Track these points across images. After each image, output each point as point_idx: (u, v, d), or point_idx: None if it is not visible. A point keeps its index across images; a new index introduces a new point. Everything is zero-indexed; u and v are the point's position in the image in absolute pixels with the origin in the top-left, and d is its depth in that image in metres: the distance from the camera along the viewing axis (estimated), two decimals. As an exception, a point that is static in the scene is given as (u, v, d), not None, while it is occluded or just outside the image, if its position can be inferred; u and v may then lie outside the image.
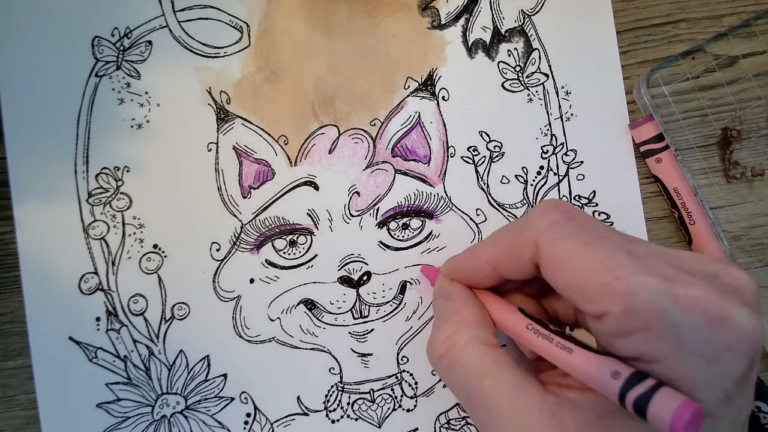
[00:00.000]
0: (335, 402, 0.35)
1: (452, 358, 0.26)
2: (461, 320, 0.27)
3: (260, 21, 0.36)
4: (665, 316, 0.20)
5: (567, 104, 0.37)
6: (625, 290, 0.21)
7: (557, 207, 0.25)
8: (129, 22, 0.35)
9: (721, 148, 0.38)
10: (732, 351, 0.21)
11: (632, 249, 0.22)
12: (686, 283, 0.21)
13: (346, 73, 0.36)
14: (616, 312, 0.21)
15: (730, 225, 0.37)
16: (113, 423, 0.34)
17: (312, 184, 0.35)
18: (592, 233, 0.23)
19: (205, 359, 0.35)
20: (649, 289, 0.21)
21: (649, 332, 0.21)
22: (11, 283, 0.35)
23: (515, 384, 0.24)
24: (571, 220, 0.24)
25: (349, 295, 0.35)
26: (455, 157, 0.36)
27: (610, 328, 0.22)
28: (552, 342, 0.24)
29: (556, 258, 0.23)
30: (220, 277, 0.35)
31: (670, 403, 0.19)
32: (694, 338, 0.20)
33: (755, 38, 0.37)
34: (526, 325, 0.26)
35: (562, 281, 0.23)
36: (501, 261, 0.26)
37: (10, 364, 0.35)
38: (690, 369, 0.20)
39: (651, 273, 0.21)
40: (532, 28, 0.37)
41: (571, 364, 0.23)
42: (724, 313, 0.21)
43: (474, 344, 0.25)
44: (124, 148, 0.35)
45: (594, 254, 0.22)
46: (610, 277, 0.21)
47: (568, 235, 0.23)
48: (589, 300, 0.22)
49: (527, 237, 0.24)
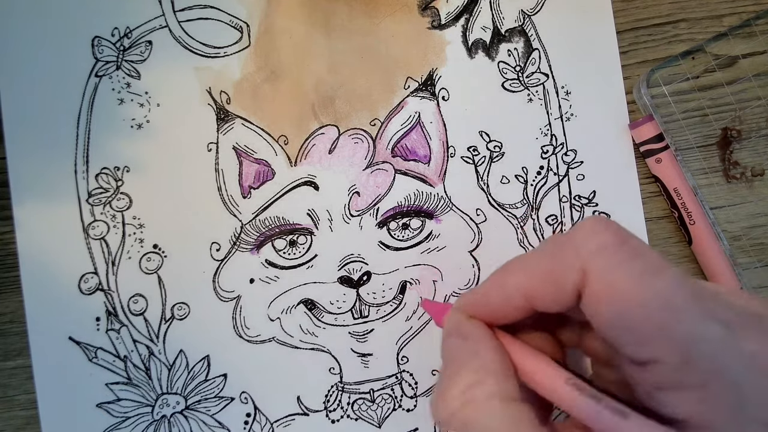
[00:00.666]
0: (335, 402, 0.35)
1: (467, 417, 0.21)
2: (481, 368, 0.22)
3: (260, 21, 0.36)
4: (728, 374, 0.18)
5: (567, 104, 0.37)
6: (685, 337, 0.18)
7: (608, 228, 0.21)
8: (129, 22, 0.35)
9: (721, 148, 0.38)
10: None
11: (696, 288, 0.19)
12: (750, 335, 0.18)
13: (346, 73, 0.36)
14: (669, 361, 0.18)
15: (730, 225, 0.37)
16: (113, 423, 0.34)
17: (312, 184, 0.36)
18: (650, 263, 0.19)
19: (205, 359, 0.35)
20: (713, 339, 0.18)
21: (705, 390, 0.18)
22: (11, 283, 0.35)
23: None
24: (624, 244, 0.20)
25: (349, 295, 0.35)
26: (455, 157, 0.36)
27: (657, 378, 0.19)
28: (600, 404, 0.20)
29: (606, 289, 0.19)
30: (220, 277, 0.35)
31: None
32: (756, 402, 0.18)
33: (755, 38, 0.37)
34: (565, 379, 0.21)
35: (606, 317, 0.20)
36: (537, 290, 0.22)
37: (10, 364, 0.35)
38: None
39: (714, 318, 0.18)
40: (532, 28, 0.37)
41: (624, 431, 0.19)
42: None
43: (497, 402, 0.21)
44: (124, 148, 0.35)
45: (652, 288, 0.19)
46: (670, 319, 0.18)
47: (622, 263, 0.20)
48: (639, 342, 0.19)
49: (572, 262, 0.20)
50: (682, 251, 0.37)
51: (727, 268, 0.36)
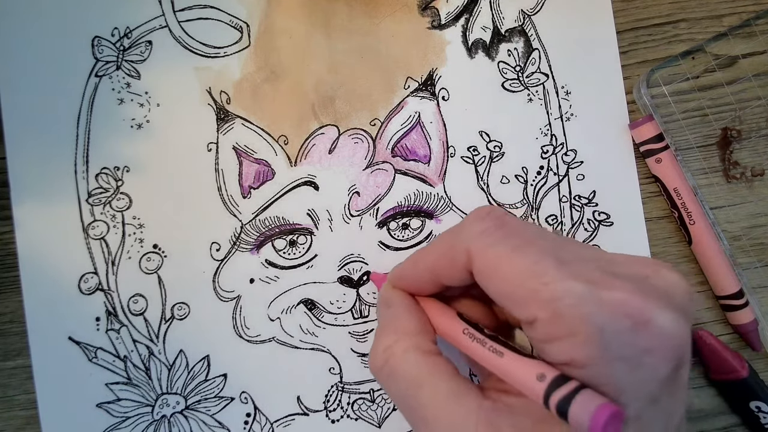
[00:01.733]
0: (335, 402, 0.35)
1: (391, 368, 0.25)
2: (399, 329, 0.26)
3: (260, 21, 0.36)
4: (590, 321, 0.20)
5: (567, 104, 0.37)
6: (550, 296, 0.21)
7: (489, 214, 0.25)
8: (129, 22, 0.35)
9: (721, 148, 0.38)
10: (653, 355, 0.21)
11: (560, 254, 0.22)
12: (611, 287, 0.21)
13: (346, 73, 0.36)
14: (543, 318, 0.21)
15: (730, 225, 0.37)
16: (113, 423, 0.34)
17: (312, 184, 0.35)
18: (521, 239, 0.23)
19: (205, 359, 0.35)
20: (574, 294, 0.21)
21: (575, 337, 0.21)
22: (11, 283, 0.35)
23: (452, 392, 0.23)
24: (501, 227, 0.24)
25: (349, 295, 0.35)
26: (455, 157, 0.36)
27: (539, 334, 0.22)
28: (485, 346, 0.24)
29: (487, 265, 0.23)
30: (220, 277, 0.35)
31: (589, 404, 0.20)
32: (617, 342, 0.20)
33: (755, 38, 0.37)
34: (462, 329, 0.26)
35: (492, 288, 0.23)
36: (438, 269, 0.26)
37: (10, 364, 0.35)
38: (614, 373, 0.20)
39: (576, 278, 0.21)
40: (532, 28, 0.37)
41: (501, 367, 0.23)
42: (646, 317, 0.21)
43: (411, 353, 0.25)
44: (124, 148, 0.35)
45: (521, 261, 0.22)
46: (537, 284, 0.21)
47: (498, 242, 0.23)
48: (519, 306, 0.22)
49: (460, 245, 0.24)
50: (682, 251, 0.37)
51: (727, 268, 0.36)
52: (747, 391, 0.36)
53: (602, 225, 0.37)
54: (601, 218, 0.37)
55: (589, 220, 0.37)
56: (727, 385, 0.36)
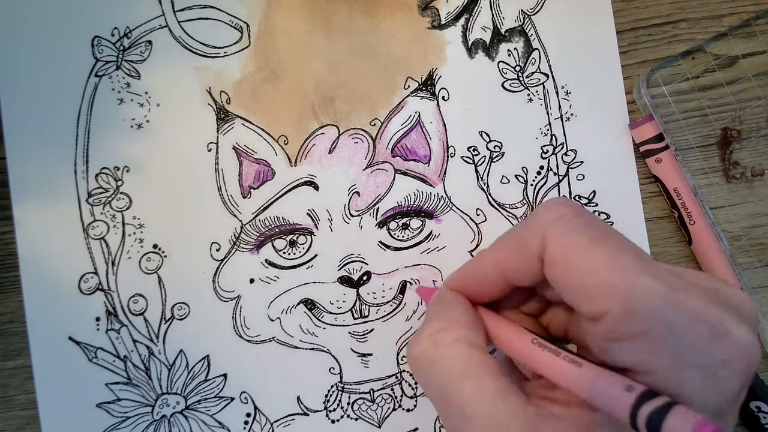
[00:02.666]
0: (335, 402, 0.35)
1: (434, 355, 0.24)
2: (450, 319, 0.25)
3: (260, 21, 0.36)
4: (666, 322, 0.20)
5: (567, 104, 0.37)
6: (627, 290, 0.20)
7: (564, 202, 0.24)
8: (129, 22, 0.35)
9: (721, 148, 0.38)
10: (729, 367, 0.20)
11: (638, 252, 0.22)
12: (689, 292, 0.20)
13: (346, 73, 0.36)
14: (615, 312, 0.20)
15: (730, 225, 0.37)
16: (113, 423, 0.34)
17: (312, 184, 0.36)
18: (600, 230, 0.22)
19: (205, 359, 0.35)
20: (653, 292, 0.20)
21: (647, 338, 0.20)
22: (11, 283, 0.35)
23: (499, 391, 0.22)
24: (578, 216, 0.23)
25: (349, 295, 0.35)
26: (455, 157, 0.36)
27: (607, 330, 0.21)
28: (559, 356, 0.23)
29: (561, 251, 0.22)
30: (220, 277, 0.35)
31: (685, 420, 0.18)
32: (693, 350, 0.20)
33: (755, 38, 0.37)
34: (531, 339, 0.24)
35: (563, 277, 0.22)
36: (507, 262, 0.25)
37: (10, 364, 0.35)
38: (686, 382, 0.20)
39: (656, 276, 0.20)
40: (532, 28, 0.37)
41: (579, 378, 0.22)
42: (725, 328, 0.20)
43: (460, 344, 0.24)
44: (124, 148, 0.35)
45: (600, 250, 0.21)
46: (614, 276, 0.20)
47: (575, 229, 0.22)
48: (589, 298, 0.21)
49: (534, 230, 0.23)
50: (682, 251, 0.37)
51: (727, 268, 0.36)
52: (747, 391, 0.36)
53: (602, 225, 0.37)
54: (601, 218, 0.37)
55: (589, 220, 0.37)
56: (727, 385, 0.36)
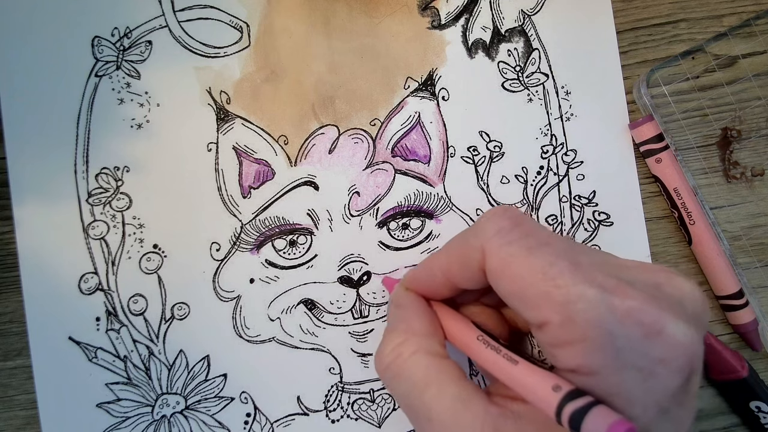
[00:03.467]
0: (335, 402, 0.35)
1: (397, 368, 0.25)
2: (408, 329, 0.26)
3: (260, 21, 0.36)
4: (602, 327, 0.20)
5: (567, 104, 0.37)
6: (563, 299, 0.21)
7: (504, 213, 0.24)
8: (129, 22, 0.35)
9: (721, 148, 0.38)
10: (666, 365, 0.20)
11: (575, 258, 0.22)
12: (625, 294, 0.21)
13: (346, 73, 0.36)
14: (555, 321, 0.21)
15: (730, 225, 0.37)
16: (113, 423, 0.34)
17: (312, 184, 0.36)
18: (536, 240, 0.23)
19: (205, 359, 0.35)
20: (587, 299, 0.20)
21: (585, 343, 0.20)
22: (11, 283, 0.35)
23: (458, 396, 0.23)
24: (517, 227, 0.24)
25: (349, 295, 0.35)
26: (455, 157, 0.36)
27: (549, 337, 0.21)
28: (499, 353, 0.24)
29: (500, 264, 0.23)
30: (220, 277, 0.35)
31: (603, 420, 0.19)
32: (629, 351, 0.20)
33: (755, 38, 0.37)
34: (476, 336, 0.25)
35: (504, 288, 0.23)
36: (452, 269, 0.26)
37: (10, 364, 0.35)
38: (625, 383, 0.20)
39: (590, 283, 0.21)
40: (532, 28, 0.37)
41: (514, 375, 0.23)
42: (659, 326, 0.20)
43: (419, 355, 0.25)
44: (124, 148, 0.35)
45: (535, 261, 0.22)
46: (550, 286, 0.21)
47: (513, 242, 0.23)
48: (530, 308, 0.22)
49: (474, 243, 0.24)
50: (682, 251, 0.37)
51: (727, 268, 0.36)
52: (747, 391, 0.36)
53: (602, 225, 0.37)
54: (601, 218, 0.37)
55: (589, 220, 0.37)
56: (727, 385, 0.36)
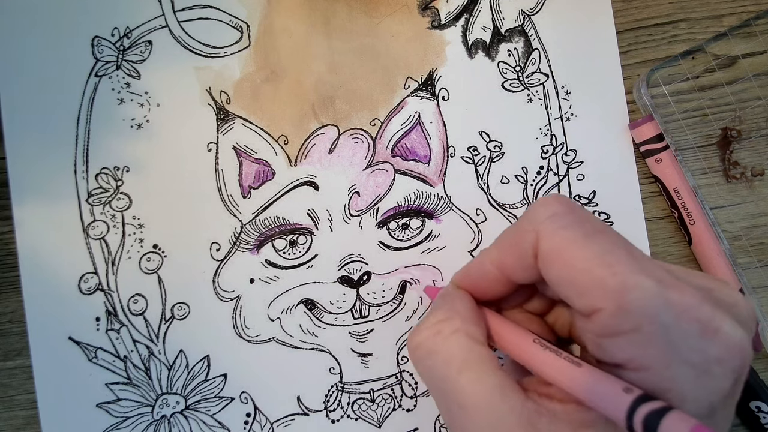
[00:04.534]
0: (335, 402, 0.35)
1: (433, 345, 0.24)
2: (452, 310, 0.25)
3: (260, 21, 0.36)
4: (657, 319, 0.20)
5: (567, 104, 0.37)
6: (619, 287, 0.20)
7: (558, 199, 0.24)
8: (129, 22, 0.35)
9: (721, 148, 0.38)
10: (722, 364, 0.20)
11: (631, 249, 0.22)
12: (682, 290, 0.20)
13: (346, 73, 0.36)
14: (607, 309, 0.20)
15: (730, 225, 0.37)
16: (113, 423, 0.34)
17: (312, 184, 0.36)
18: (592, 227, 0.22)
19: (205, 359, 0.35)
20: (644, 289, 0.20)
21: (639, 334, 0.20)
22: (11, 283, 0.35)
23: (497, 385, 0.22)
24: (571, 212, 0.23)
25: (349, 295, 0.35)
26: (455, 157, 0.36)
27: (599, 326, 0.21)
28: (560, 356, 0.23)
29: (553, 247, 0.22)
30: (220, 277, 0.35)
31: (681, 424, 0.18)
32: (685, 346, 0.20)
33: (755, 38, 0.37)
34: (532, 339, 0.24)
35: (556, 273, 0.22)
36: (505, 259, 0.25)
37: (10, 364, 0.35)
38: (679, 379, 0.20)
39: (648, 274, 0.20)
40: (532, 28, 0.37)
41: (578, 378, 0.22)
42: (716, 325, 0.20)
43: (460, 335, 0.24)
44: (124, 148, 0.35)
45: (592, 247, 0.21)
46: (606, 272, 0.20)
47: (568, 226, 0.22)
48: (581, 294, 0.21)
49: (528, 227, 0.23)
50: (682, 251, 0.37)
51: (727, 268, 0.36)
52: (747, 391, 0.36)
53: (602, 225, 0.37)
54: (601, 218, 0.37)
55: (589, 220, 0.37)
56: (727, 385, 0.36)
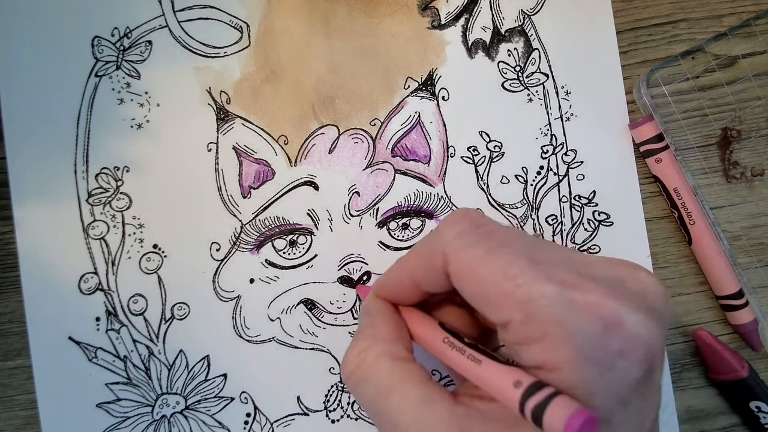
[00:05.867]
0: (335, 402, 0.35)
1: (362, 374, 0.25)
2: (374, 335, 0.26)
3: (260, 21, 0.36)
4: (562, 323, 0.20)
5: (567, 104, 0.37)
6: (523, 298, 0.21)
7: (465, 216, 0.25)
8: (129, 22, 0.35)
9: (721, 148, 0.38)
10: (625, 357, 0.20)
11: (534, 256, 0.22)
12: (584, 289, 0.21)
13: (346, 73, 0.36)
14: (517, 320, 0.21)
15: (730, 225, 0.37)
16: (113, 423, 0.34)
17: (312, 184, 0.36)
18: (496, 241, 0.23)
19: (205, 359, 0.35)
20: (546, 296, 0.21)
21: (547, 339, 0.21)
22: (11, 283, 0.35)
23: (422, 398, 0.23)
24: (476, 229, 0.24)
25: (349, 295, 0.35)
26: (455, 157, 0.36)
27: (513, 336, 0.22)
28: (464, 354, 0.24)
29: (462, 267, 0.23)
30: (220, 277, 0.35)
31: (563, 410, 0.19)
32: (589, 345, 0.20)
33: (755, 38, 0.37)
34: (442, 338, 0.26)
35: (468, 290, 0.23)
36: (417, 275, 0.26)
37: (10, 364, 0.35)
38: (586, 376, 0.20)
39: (550, 280, 0.21)
40: (532, 28, 0.37)
41: (478, 374, 0.23)
42: (618, 319, 0.20)
43: (383, 359, 0.25)
44: (124, 148, 0.35)
45: (495, 262, 0.22)
46: (511, 285, 0.21)
47: (473, 244, 0.23)
48: (493, 309, 0.22)
49: (436, 248, 0.24)
50: (682, 251, 0.37)
51: (727, 268, 0.36)
52: (747, 391, 0.36)
53: (602, 225, 0.37)
54: (601, 218, 0.37)
55: (589, 220, 0.37)
56: (727, 385, 0.36)
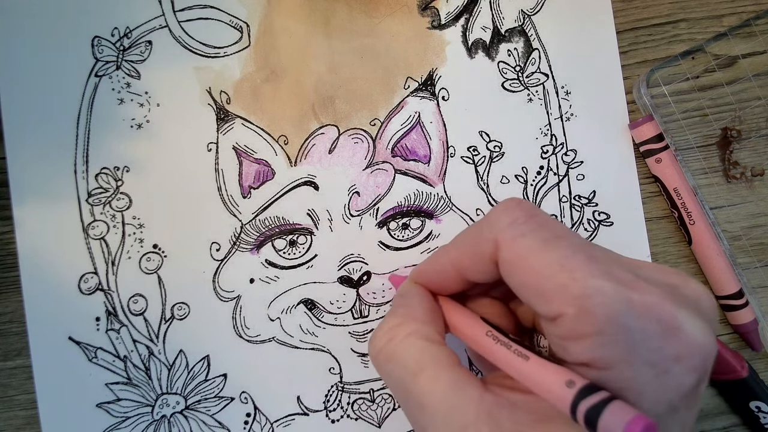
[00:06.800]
0: (335, 402, 0.35)
1: (390, 351, 0.24)
2: (406, 314, 0.26)
3: (260, 21, 0.36)
4: (618, 321, 0.20)
5: (567, 104, 0.37)
6: (580, 292, 0.20)
7: (518, 205, 0.24)
8: (129, 22, 0.35)
9: (721, 148, 0.38)
10: (682, 363, 0.20)
11: (591, 252, 0.22)
12: (642, 289, 0.21)
13: (346, 73, 0.36)
14: (569, 314, 0.21)
15: (730, 225, 0.37)
16: (113, 423, 0.34)
17: (312, 184, 0.36)
18: (552, 232, 0.22)
19: (205, 359, 0.35)
20: (604, 293, 0.20)
21: (601, 337, 0.20)
22: (11, 283, 0.35)
23: (453, 381, 0.23)
24: (531, 218, 0.23)
25: (349, 295, 0.35)
26: (455, 157, 0.36)
27: (563, 330, 0.21)
28: (510, 349, 0.23)
29: (514, 256, 0.23)
30: (220, 277, 0.35)
31: (621, 416, 0.19)
32: (645, 346, 0.20)
33: (755, 38, 0.37)
34: (485, 331, 0.25)
35: (518, 280, 0.23)
36: (463, 262, 0.25)
37: (10, 364, 0.35)
38: (638, 377, 0.20)
39: (608, 277, 0.21)
40: (532, 28, 0.37)
41: (525, 371, 0.22)
42: (677, 324, 0.20)
43: (414, 338, 0.24)
44: (124, 148, 0.35)
45: (552, 253, 0.22)
46: (567, 278, 0.21)
47: (527, 233, 0.23)
48: (544, 300, 0.21)
49: (487, 235, 0.24)
50: (682, 251, 0.37)
51: (727, 268, 0.36)
52: (747, 391, 0.36)
53: (602, 225, 0.37)
54: (601, 218, 0.37)
55: (589, 220, 0.37)
56: (727, 385, 0.36)
